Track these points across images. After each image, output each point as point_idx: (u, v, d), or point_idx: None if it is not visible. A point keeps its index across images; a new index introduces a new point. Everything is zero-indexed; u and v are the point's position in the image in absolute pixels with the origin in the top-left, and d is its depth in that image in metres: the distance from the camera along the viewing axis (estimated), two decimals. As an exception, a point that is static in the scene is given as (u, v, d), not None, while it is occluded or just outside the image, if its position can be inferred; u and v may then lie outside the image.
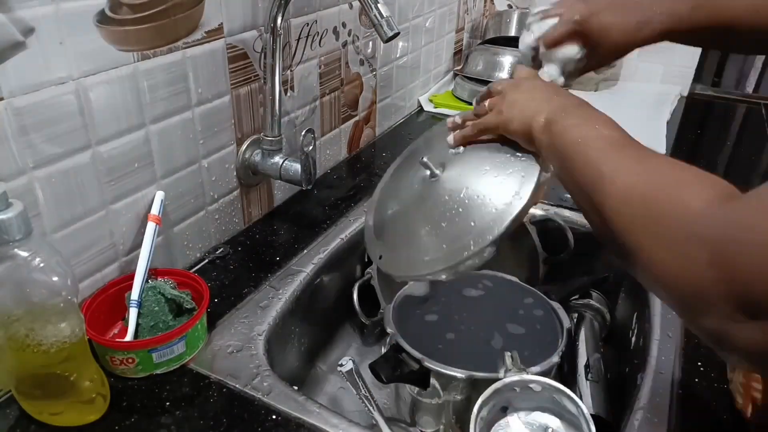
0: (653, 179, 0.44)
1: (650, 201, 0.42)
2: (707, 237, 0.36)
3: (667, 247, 0.39)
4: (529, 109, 0.57)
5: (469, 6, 1.61)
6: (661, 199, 0.41)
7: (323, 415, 0.60)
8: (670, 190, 0.42)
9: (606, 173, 0.46)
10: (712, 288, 0.36)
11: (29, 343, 0.53)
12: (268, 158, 0.88)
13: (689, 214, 0.39)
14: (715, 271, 0.35)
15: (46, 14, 0.57)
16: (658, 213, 0.41)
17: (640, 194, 0.43)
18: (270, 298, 0.77)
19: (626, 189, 0.44)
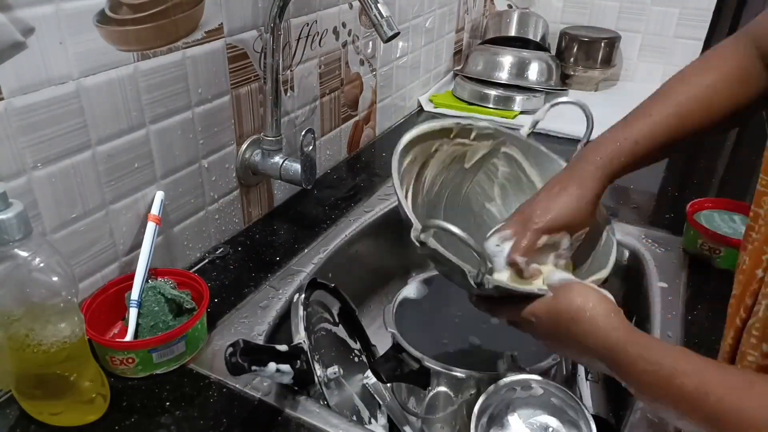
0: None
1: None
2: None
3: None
4: (580, 357, 0.52)
5: (469, 6, 1.61)
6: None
7: (323, 415, 0.60)
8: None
9: None
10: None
11: (29, 343, 0.53)
12: (268, 158, 0.88)
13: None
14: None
15: (46, 14, 0.57)
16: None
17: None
18: (270, 298, 0.77)
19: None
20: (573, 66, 1.58)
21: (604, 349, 0.47)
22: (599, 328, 0.47)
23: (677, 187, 1.10)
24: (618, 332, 0.47)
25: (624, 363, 0.46)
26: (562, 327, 0.50)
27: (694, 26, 1.53)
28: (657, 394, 0.44)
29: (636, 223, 0.96)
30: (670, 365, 0.43)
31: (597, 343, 0.47)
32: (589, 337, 0.48)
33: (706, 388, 0.40)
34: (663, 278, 0.83)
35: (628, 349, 0.45)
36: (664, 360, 0.43)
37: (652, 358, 0.44)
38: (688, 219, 0.88)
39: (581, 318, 0.48)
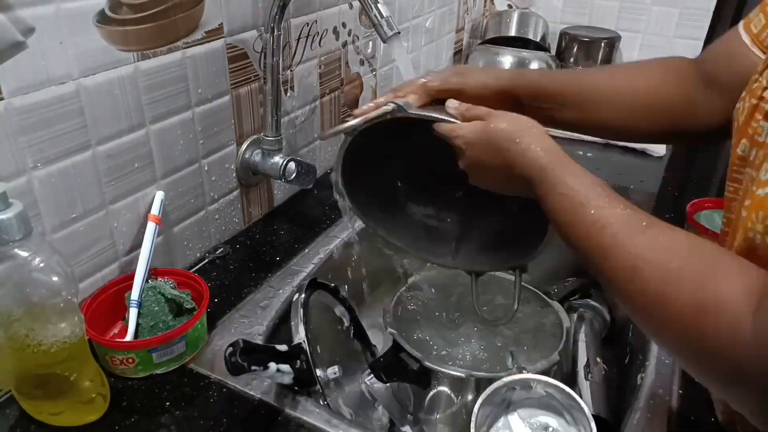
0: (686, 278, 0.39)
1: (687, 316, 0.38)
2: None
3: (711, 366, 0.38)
4: (505, 182, 0.55)
5: (469, 6, 1.61)
6: (701, 316, 0.38)
7: (323, 415, 0.60)
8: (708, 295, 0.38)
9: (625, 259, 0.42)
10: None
11: (29, 343, 0.53)
12: (268, 158, 0.88)
13: (733, 343, 0.36)
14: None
15: (46, 14, 0.57)
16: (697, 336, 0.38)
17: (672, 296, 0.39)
18: (270, 298, 0.77)
19: (655, 286, 0.40)
20: (573, 66, 1.57)
21: (535, 168, 0.50)
22: (529, 151, 0.50)
23: (677, 187, 1.10)
24: (550, 154, 0.50)
25: (547, 183, 0.49)
26: (493, 149, 0.53)
27: (694, 26, 1.53)
28: (566, 218, 0.47)
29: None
30: (584, 194, 0.46)
31: (528, 162, 0.50)
32: (520, 158, 0.51)
33: (607, 220, 0.44)
34: (663, 278, 0.83)
35: (555, 170, 0.49)
36: (581, 188, 0.47)
37: (571, 183, 0.48)
38: (688, 219, 0.88)
39: (512, 141, 0.51)
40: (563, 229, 0.48)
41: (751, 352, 0.35)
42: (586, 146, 1.29)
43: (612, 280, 0.44)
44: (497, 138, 0.53)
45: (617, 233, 0.43)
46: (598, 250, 0.44)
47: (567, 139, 1.31)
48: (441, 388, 0.68)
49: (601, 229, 0.44)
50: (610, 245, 0.43)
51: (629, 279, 0.42)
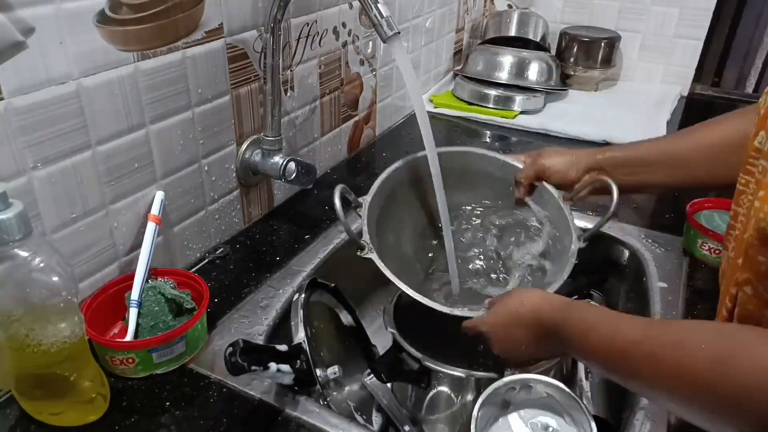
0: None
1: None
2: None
3: None
4: (531, 352, 0.59)
5: (469, 6, 1.61)
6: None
7: (323, 415, 0.60)
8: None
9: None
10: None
11: (29, 343, 0.53)
12: (268, 158, 0.88)
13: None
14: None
15: (46, 14, 0.57)
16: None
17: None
18: (270, 298, 0.77)
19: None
20: (573, 66, 1.58)
21: (549, 325, 0.54)
22: (536, 311, 0.56)
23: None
24: (549, 307, 0.55)
25: (562, 328, 0.53)
26: (511, 325, 0.58)
27: (694, 26, 1.53)
28: (582, 344, 0.51)
29: (636, 223, 0.96)
30: (591, 318, 0.51)
31: (543, 325, 0.55)
32: (530, 321, 0.56)
33: (617, 330, 0.47)
34: (663, 278, 0.83)
35: (566, 315, 0.53)
36: (588, 315, 0.52)
37: (578, 315, 0.52)
38: (688, 219, 0.88)
39: (522, 310, 0.57)
40: (588, 357, 0.52)
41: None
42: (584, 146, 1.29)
43: (634, 376, 0.46)
44: (506, 314, 0.59)
45: (627, 333, 0.46)
46: (616, 358, 0.47)
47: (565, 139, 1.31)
48: (441, 388, 0.68)
49: (612, 340, 0.47)
50: (624, 347, 0.46)
51: (649, 366, 0.44)
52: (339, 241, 0.90)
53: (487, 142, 1.35)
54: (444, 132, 1.39)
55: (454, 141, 1.37)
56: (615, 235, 0.94)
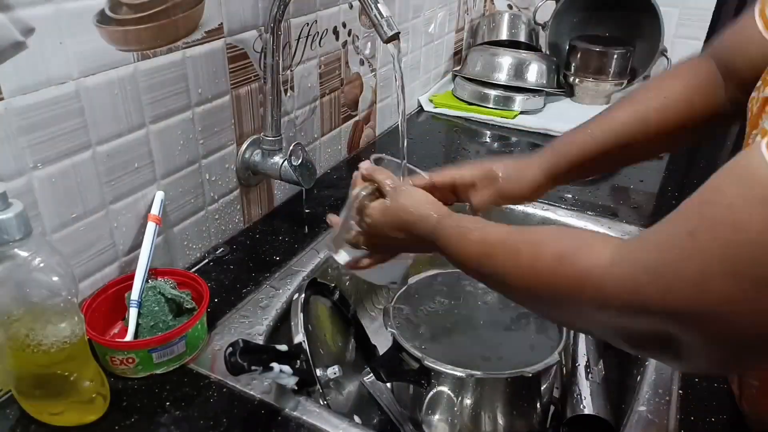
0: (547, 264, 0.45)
1: (556, 285, 0.43)
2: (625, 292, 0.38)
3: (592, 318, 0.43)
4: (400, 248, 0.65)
5: (469, 6, 1.61)
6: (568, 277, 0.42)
7: (323, 415, 0.60)
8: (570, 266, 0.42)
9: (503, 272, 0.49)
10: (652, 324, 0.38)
11: (29, 343, 0.53)
12: (268, 158, 0.88)
13: (596, 284, 0.40)
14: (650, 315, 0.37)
15: (46, 14, 0.57)
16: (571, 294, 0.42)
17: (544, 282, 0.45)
18: (270, 298, 0.77)
19: (527, 282, 0.47)
20: (582, 77, 1.53)
21: (429, 232, 0.58)
22: (424, 218, 0.59)
23: (677, 187, 1.10)
24: (436, 216, 0.58)
25: (439, 236, 0.57)
26: (397, 227, 0.61)
27: (694, 26, 1.53)
28: (457, 249, 0.54)
29: (636, 223, 0.96)
30: (467, 225, 0.55)
31: (423, 230, 0.59)
32: (418, 228, 0.59)
33: (486, 234, 0.52)
34: (663, 278, 0.83)
35: (441, 223, 0.57)
36: (464, 223, 0.56)
37: (456, 224, 0.56)
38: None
39: (410, 216, 0.60)
40: (459, 259, 0.55)
41: (606, 280, 0.39)
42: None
43: (496, 272, 0.50)
44: (397, 215, 0.61)
45: (495, 236, 0.51)
46: (484, 256, 0.51)
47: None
48: (441, 388, 0.68)
49: (482, 241, 0.52)
50: (491, 245, 0.51)
51: (507, 260, 0.49)
52: (339, 241, 0.90)
53: (487, 142, 1.35)
54: (444, 132, 1.39)
55: (453, 141, 1.37)
56: (615, 235, 0.94)
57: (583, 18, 1.60)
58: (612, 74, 1.48)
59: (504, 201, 0.70)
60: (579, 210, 0.99)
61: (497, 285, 0.53)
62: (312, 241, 0.90)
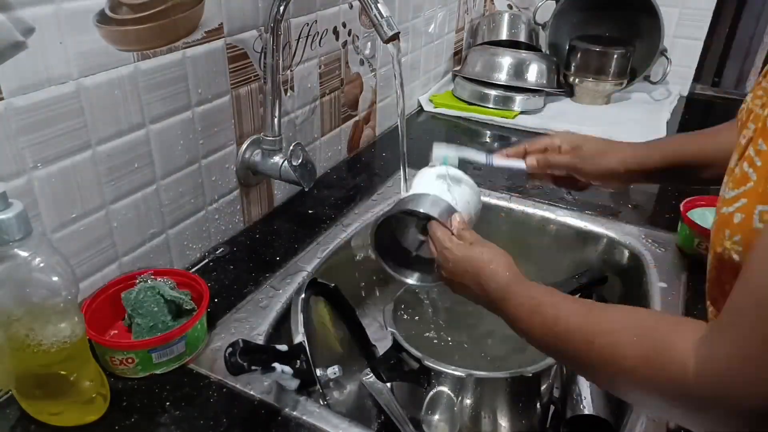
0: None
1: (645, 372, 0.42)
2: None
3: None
4: (468, 294, 0.62)
5: (469, 6, 1.61)
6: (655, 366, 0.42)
7: (323, 415, 0.60)
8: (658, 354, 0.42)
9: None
10: None
11: (29, 343, 0.53)
12: (268, 158, 0.88)
13: (683, 392, 0.40)
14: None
15: (46, 14, 0.57)
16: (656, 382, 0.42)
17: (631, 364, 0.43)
18: (270, 298, 0.77)
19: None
20: (573, 66, 1.54)
21: (497, 288, 0.56)
22: (498, 275, 0.57)
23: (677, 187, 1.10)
24: (510, 276, 0.57)
25: (508, 297, 0.55)
26: (470, 270, 0.59)
27: (694, 26, 1.53)
28: (527, 321, 0.53)
29: (636, 223, 0.96)
30: (539, 298, 0.53)
31: (494, 284, 0.57)
32: (489, 280, 0.57)
33: (559, 313, 0.50)
34: (663, 278, 0.83)
35: (513, 288, 0.56)
36: (536, 294, 0.54)
37: (527, 293, 0.54)
38: (683, 217, 0.88)
39: (487, 266, 0.58)
40: (527, 331, 0.53)
41: (697, 385, 0.38)
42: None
43: (572, 358, 0.49)
44: (475, 263, 0.59)
45: (570, 319, 0.49)
46: (557, 338, 0.50)
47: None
48: (441, 388, 0.68)
49: (555, 321, 0.50)
50: (565, 330, 0.49)
51: (584, 351, 0.47)
52: (339, 241, 0.91)
53: (487, 142, 1.35)
54: (444, 132, 1.39)
55: (453, 141, 1.37)
56: (615, 235, 0.94)
57: (583, 18, 1.59)
58: (612, 74, 1.47)
59: (581, 171, 0.70)
60: (579, 210, 0.99)
61: (574, 368, 0.53)
62: (312, 241, 0.90)
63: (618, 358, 0.44)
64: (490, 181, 1.07)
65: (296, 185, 0.89)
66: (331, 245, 0.89)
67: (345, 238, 0.91)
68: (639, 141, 0.72)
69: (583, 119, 1.39)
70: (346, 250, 0.91)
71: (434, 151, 0.70)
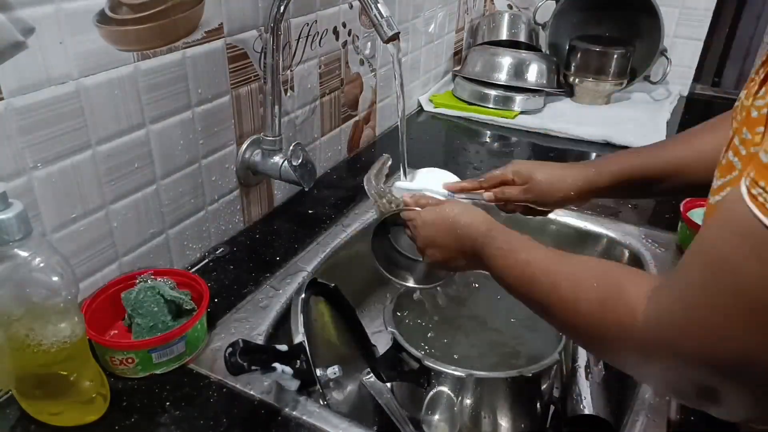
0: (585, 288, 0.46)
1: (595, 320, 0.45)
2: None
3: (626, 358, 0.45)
4: (446, 257, 0.63)
5: (469, 6, 1.61)
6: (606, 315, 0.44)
7: (323, 415, 0.60)
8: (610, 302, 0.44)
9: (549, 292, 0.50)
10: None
11: (29, 343, 0.53)
12: (268, 158, 0.88)
13: (635, 338, 0.41)
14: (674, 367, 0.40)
15: (46, 14, 0.57)
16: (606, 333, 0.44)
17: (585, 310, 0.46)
18: (270, 298, 0.77)
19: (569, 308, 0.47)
20: (582, 77, 1.53)
21: (476, 237, 0.59)
22: (473, 225, 0.59)
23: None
24: (485, 224, 0.59)
25: (487, 243, 0.57)
26: (445, 226, 0.61)
27: (694, 26, 1.53)
28: (503, 267, 0.55)
29: (636, 223, 0.96)
30: (515, 244, 0.55)
31: (471, 234, 0.59)
32: (465, 231, 0.59)
33: (532, 258, 0.53)
34: (663, 278, 0.83)
35: (490, 233, 0.58)
36: (512, 240, 0.56)
37: (504, 238, 0.57)
38: (682, 217, 0.88)
39: (459, 219, 0.61)
40: (502, 275, 0.56)
41: (644, 332, 0.40)
42: (584, 145, 1.29)
43: (538, 300, 0.51)
44: (447, 220, 0.62)
45: (540, 263, 0.52)
46: (527, 281, 0.52)
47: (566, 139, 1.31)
48: (441, 388, 0.68)
49: (527, 265, 0.53)
50: (532, 274, 0.52)
51: (549, 292, 0.49)
52: (339, 241, 0.91)
53: (487, 142, 1.35)
54: (444, 132, 1.39)
55: (453, 141, 1.37)
56: (615, 235, 0.94)
57: (583, 18, 1.59)
58: (612, 74, 1.47)
59: (536, 202, 0.72)
60: (579, 210, 0.99)
61: (538, 311, 0.53)
62: (312, 241, 0.90)
63: (578, 301, 0.46)
64: (490, 181, 1.07)
65: (296, 185, 0.89)
66: (331, 245, 0.89)
67: (345, 238, 0.91)
68: (639, 141, 0.73)
69: (583, 119, 1.39)
70: (346, 250, 0.91)
71: (394, 191, 0.72)
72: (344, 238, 0.91)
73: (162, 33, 0.69)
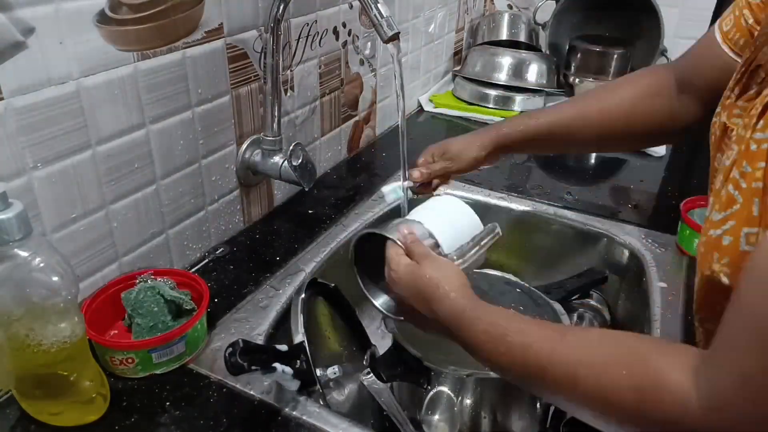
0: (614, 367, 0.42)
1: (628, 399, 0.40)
2: None
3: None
4: (421, 324, 0.60)
5: (469, 6, 1.61)
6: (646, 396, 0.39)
7: (323, 415, 0.60)
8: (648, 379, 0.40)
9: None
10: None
11: (29, 343, 0.53)
12: (268, 158, 0.88)
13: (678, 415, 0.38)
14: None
15: (46, 14, 0.57)
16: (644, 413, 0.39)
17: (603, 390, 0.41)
18: (270, 298, 0.77)
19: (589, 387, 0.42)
20: (575, 65, 1.54)
21: (451, 314, 0.53)
22: (449, 298, 0.53)
23: (677, 187, 1.10)
24: (464, 300, 0.53)
25: (465, 325, 0.51)
26: (419, 290, 0.56)
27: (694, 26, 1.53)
28: (492, 352, 0.49)
29: (636, 223, 0.96)
30: (503, 325, 0.49)
31: (445, 309, 0.53)
32: (440, 305, 0.54)
33: (529, 341, 0.46)
34: (663, 278, 0.83)
35: (470, 314, 0.51)
36: (499, 321, 0.49)
37: (488, 319, 0.50)
38: (682, 217, 0.88)
39: (436, 288, 0.54)
40: (489, 359, 0.50)
41: (702, 421, 0.36)
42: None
43: (552, 390, 0.46)
44: (422, 284, 0.55)
45: (542, 348, 0.45)
46: (533, 370, 0.46)
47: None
48: (441, 388, 0.68)
49: (526, 350, 0.46)
50: (537, 360, 0.45)
51: (563, 383, 0.44)
52: (339, 241, 0.91)
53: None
54: (444, 132, 1.39)
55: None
56: (615, 235, 0.94)
57: (583, 18, 1.59)
58: (612, 74, 1.47)
59: (454, 173, 0.78)
60: (579, 210, 1.00)
61: (549, 399, 0.49)
62: (312, 241, 0.90)
63: (606, 392, 0.41)
64: (490, 181, 1.07)
65: (296, 185, 0.89)
66: (331, 245, 0.89)
67: (345, 238, 0.91)
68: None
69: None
70: (346, 250, 0.91)
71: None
72: (344, 238, 0.91)
73: (162, 33, 0.69)
